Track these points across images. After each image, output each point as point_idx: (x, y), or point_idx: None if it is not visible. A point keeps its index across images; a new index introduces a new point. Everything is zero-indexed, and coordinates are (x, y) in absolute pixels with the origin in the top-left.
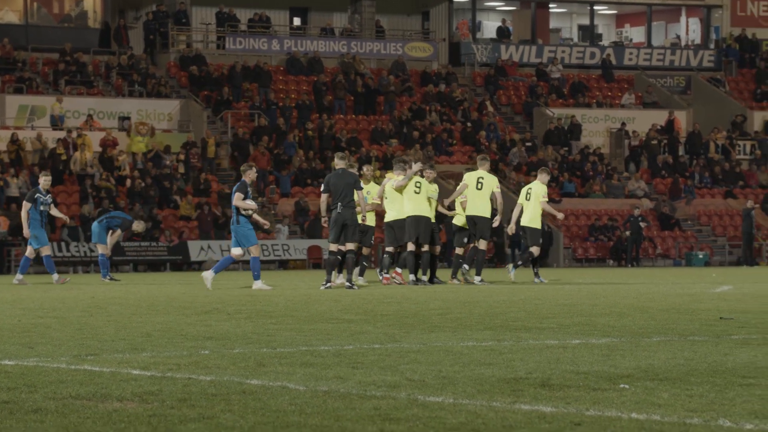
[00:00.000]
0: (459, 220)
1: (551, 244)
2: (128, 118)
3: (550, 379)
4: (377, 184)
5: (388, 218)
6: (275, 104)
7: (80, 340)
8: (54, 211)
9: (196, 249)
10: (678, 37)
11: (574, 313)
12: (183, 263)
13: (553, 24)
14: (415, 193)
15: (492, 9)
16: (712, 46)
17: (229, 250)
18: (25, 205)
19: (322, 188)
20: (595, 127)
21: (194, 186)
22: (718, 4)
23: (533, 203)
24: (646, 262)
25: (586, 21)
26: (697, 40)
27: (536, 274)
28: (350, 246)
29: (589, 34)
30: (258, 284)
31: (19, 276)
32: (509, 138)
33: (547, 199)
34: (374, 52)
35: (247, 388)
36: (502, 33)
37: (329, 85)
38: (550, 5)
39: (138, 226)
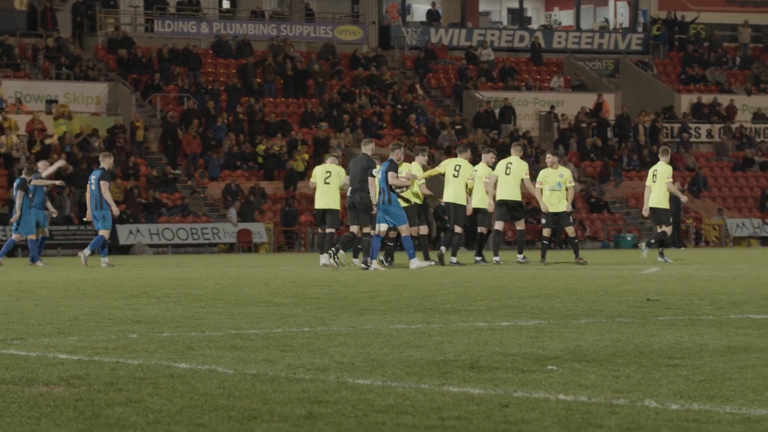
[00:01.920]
0: (483, 201)
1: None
2: (55, 102)
3: (478, 361)
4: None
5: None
6: (204, 87)
7: (6, 325)
8: None
9: (125, 233)
10: (606, 20)
11: (503, 296)
12: (112, 247)
13: (482, 7)
14: (454, 177)
15: None
16: (640, 29)
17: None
18: None
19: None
20: (525, 110)
21: (123, 170)
22: None
23: (659, 184)
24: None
25: (515, 4)
26: (626, 24)
27: (661, 254)
28: (353, 229)
29: (518, 17)
30: (415, 263)
31: None
32: (439, 121)
33: (671, 180)
34: (304, 35)
35: (176, 372)
36: (432, 16)
37: (258, 67)
38: None
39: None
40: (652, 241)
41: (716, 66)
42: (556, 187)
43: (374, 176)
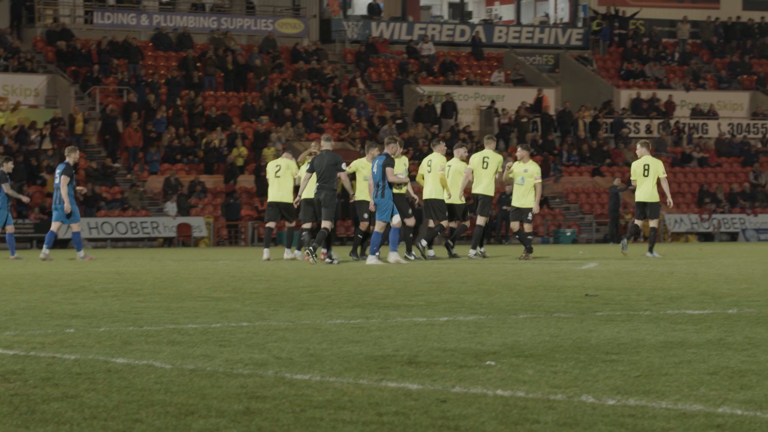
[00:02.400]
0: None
1: (422, 222)
2: None
3: (417, 356)
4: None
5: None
6: (144, 80)
7: None
8: None
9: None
10: (547, 15)
11: (443, 291)
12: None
13: (423, 1)
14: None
15: None
16: (580, 24)
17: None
18: None
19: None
20: (465, 104)
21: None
22: None
23: (651, 179)
24: (514, 239)
25: None
26: (566, 19)
27: (650, 249)
28: (325, 224)
29: (459, 11)
30: (372, 260)
31: None
32: (379, 115)
33: (666, 176)
34: (244, 28)
35: (112, 367)
36: (373, 10)
37: (199, 61)
38: None
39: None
40: (630, 236)
41: (655, 62)
42: (520, 182)
43: (344, 170)
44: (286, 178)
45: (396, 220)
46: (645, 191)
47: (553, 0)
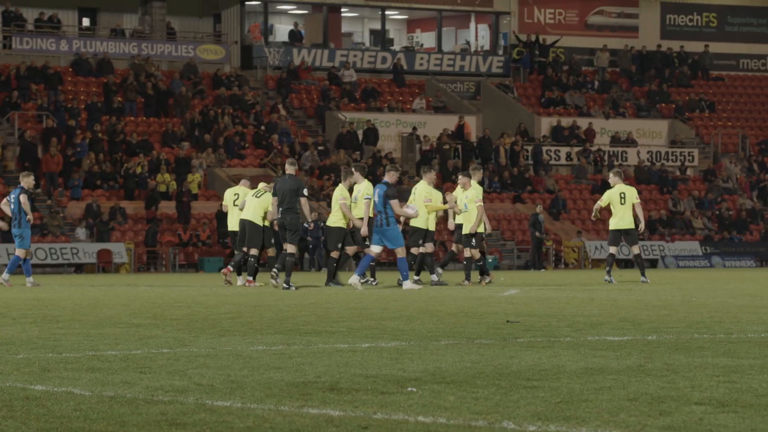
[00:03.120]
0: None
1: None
2: None
3: (338, 382)
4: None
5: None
6: (64, 106)
7: None
8: None
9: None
10: (468, 43)
11: (364, 317)
12: None
13: (345, 28)
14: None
15: (284, 12)
16: (500, 52)
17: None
18: None
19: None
20: (387, 131)
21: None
22: (506, 11)
23: (627, 206)
24: (436, 265)
25: (377, 26)
26: (487, 47)
27: (609, 273)
28: (289, 248)
29: (380, 39)
30: (408, 284)
31: None
32: (301, 141)
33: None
34: (165, 53)
35: (31, 394)
36: (294, 37)
37: (119, 86)
38: (342, 9)
39: None
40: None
41: (575, 89)
42: (464, 209)
43: (305, 196)
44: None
45: (375, 249)
46: (623, 219)
47: (474, 28)
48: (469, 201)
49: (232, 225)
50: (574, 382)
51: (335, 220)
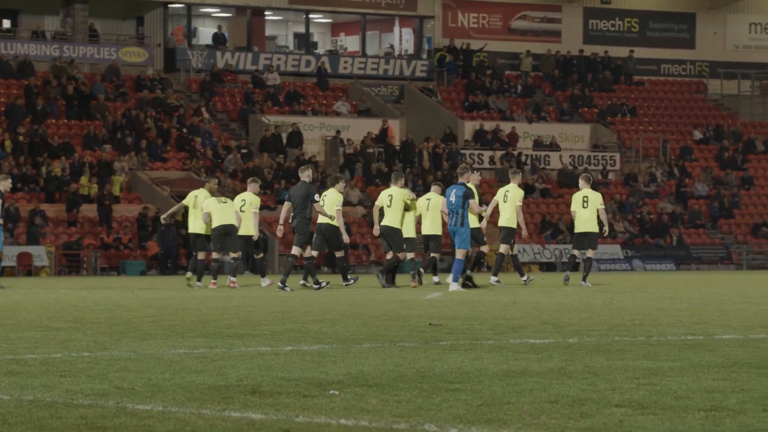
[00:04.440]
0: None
1: (267, 251)
2: None
3: (260, 385)
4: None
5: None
6: None
7: None
8: None
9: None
10: (392, 46)
11: (287, 320)
12: None
13: (268, 31)
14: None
15: (207, 15)
16: (424, 56)
17: None
18: None
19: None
20: (311, 134)
21: None
22: (430, 15)
23: (590, 210)
24: (359, 269)
25: (301, 29)
26: (411, 51)
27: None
28: (293, 250)
29: (304, 42)
30: (455, 286)
31: None
32: (225, 144)
33: (603, 207)
34: (88, 56)
35: None
36: (218, 39)
37: (41, 89)
38: (266, 12)
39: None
40: (580, 270)
41: (498, 94)
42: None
43: (317, 201)
44: (248, 213)
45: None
46: (586, 222)
47: (398, 32)
48: (432, 205)
49: (242, 230)
50: (496, 385)
51: (393, 220)
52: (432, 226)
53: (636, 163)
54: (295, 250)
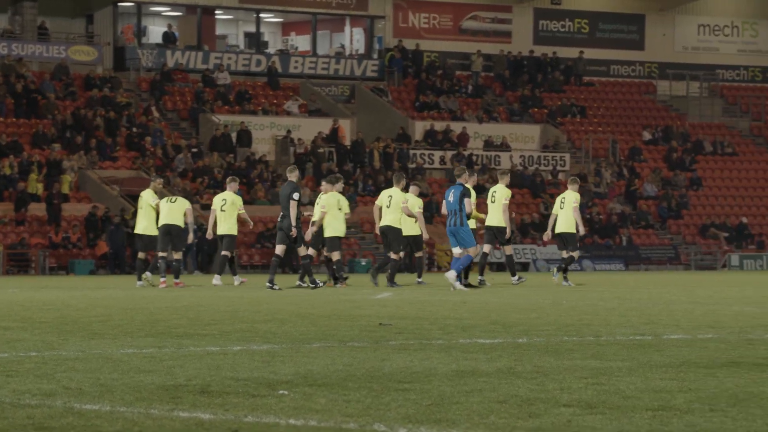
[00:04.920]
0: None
1: (216, 251)
2: None
3: (209, 385)
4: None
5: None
6: None
7: None
8: None
9: None
10: (342, 46)
11: (236, 320)
12: None
13: (219, 30)
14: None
15: (157, 14)
16: (375, 56)
17: None
18: None
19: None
20: (261, 134)
21: None
22: (381, 15)
23: (567, 210)
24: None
25: (252, 28)
26: (361, 50)
27: (565, 278)
28: (277, 249)
29: (255, 41)
30: (451, 274)
31: None
32: (174, 144)
33: (577, 205)
34: (36, 54)
35: None
36: (168, 38)
37: None
38: (216, 11)
39: None
40: (562, 265)
41: (449, 94)
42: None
43: (294, 200)
44: (230, 212)
45: (456, 251)
46: (561, 223)
47: (349, 32)
48: (411, 206)
49: (221, 230)
50: (445, 385)
51: (393, 220)
52: (411, 227)
53: (586, 163)
54: (279, 249)
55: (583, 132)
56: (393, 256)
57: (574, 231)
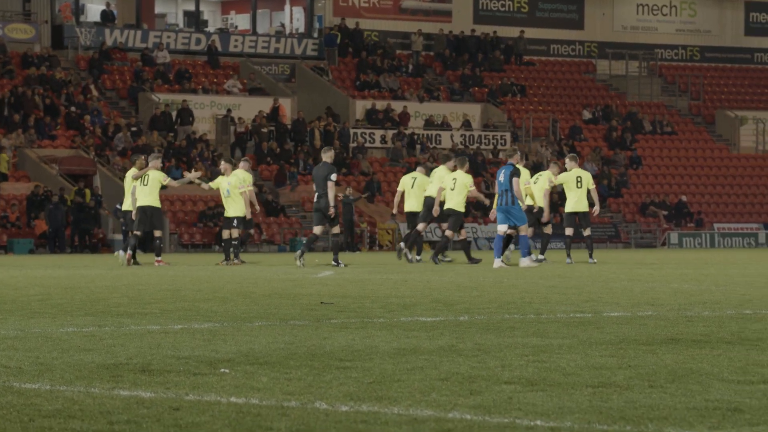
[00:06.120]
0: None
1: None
2: None
3: (150, 364)
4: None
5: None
6: None
7: None
8: None
9: None
10: (282, 25)
11: (178, 299)
12: None
13: (158, 9)
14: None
15: None
16: (315, 35)
17: None
18: None
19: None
20: (202, 113)
21: None
22: None
23: (583, 190)
24: (251, 247)
25: (191, 7)
26: (302, 29)
27: (568, 255)
28: (315, 229)
29: (194, 20)
30: (526, 261)
31: None
32: (114, 123)
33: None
34: None
35: None
36: (107, 17)
37: None
38: None
39: None
40: (589, 249)
41: (390, 73)
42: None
43: (332, 181)
44: (238, 192)
45: (502, 228)
46: (578, 202)
47: (289, 10)
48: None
49: (235, 211)
50: (387, 363)
51: (456, 203)
52: (417, 204)
53: (526, 142)
54: (317, 230)
55: (523, 111)
56: (448, 233)
57: (587, 210)
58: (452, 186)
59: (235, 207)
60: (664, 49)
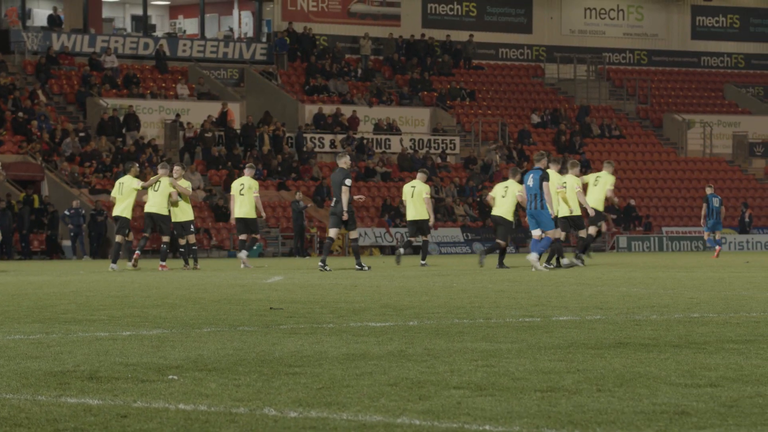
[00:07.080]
0: (564, 210)
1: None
2: None
3: (98, 371)
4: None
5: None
6: None
7: None
8: None
9: None
10: (231, 29)
11: (126, 305)
12: None
13: (106, 13)
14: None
15: None
16: (264, 39)
17: None
18: None
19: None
20: (150, 118)
21: None
22: None
23: (600, 188)
24: (201, 253)
25: (139, 11)
26: (250, 34)
27: (585, 252)
28: (330, 232)
29: (142, 24)
30: (533, 257)
31: None
32: (62, 128)
33: (580, 189)
34: None
35: None
36: (54, 21)
37: None
38: None
39: None
40: (578, 250)
41: (339, 77)
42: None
43: (347, 186)
44: (248, 196)
45: (536, 233)
46: (564, 206)
47: (238, 14)
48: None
49: (241, 213)
50: (336, 368)
51: (504, 212)
52: (417, 212)
53: (475, 146)
54: (332, 233)
55: (472, 115)
56: (500, 242)
57: (580, 213)
58: (503, 194)
59: (186, 212)
60: (612, 53)
